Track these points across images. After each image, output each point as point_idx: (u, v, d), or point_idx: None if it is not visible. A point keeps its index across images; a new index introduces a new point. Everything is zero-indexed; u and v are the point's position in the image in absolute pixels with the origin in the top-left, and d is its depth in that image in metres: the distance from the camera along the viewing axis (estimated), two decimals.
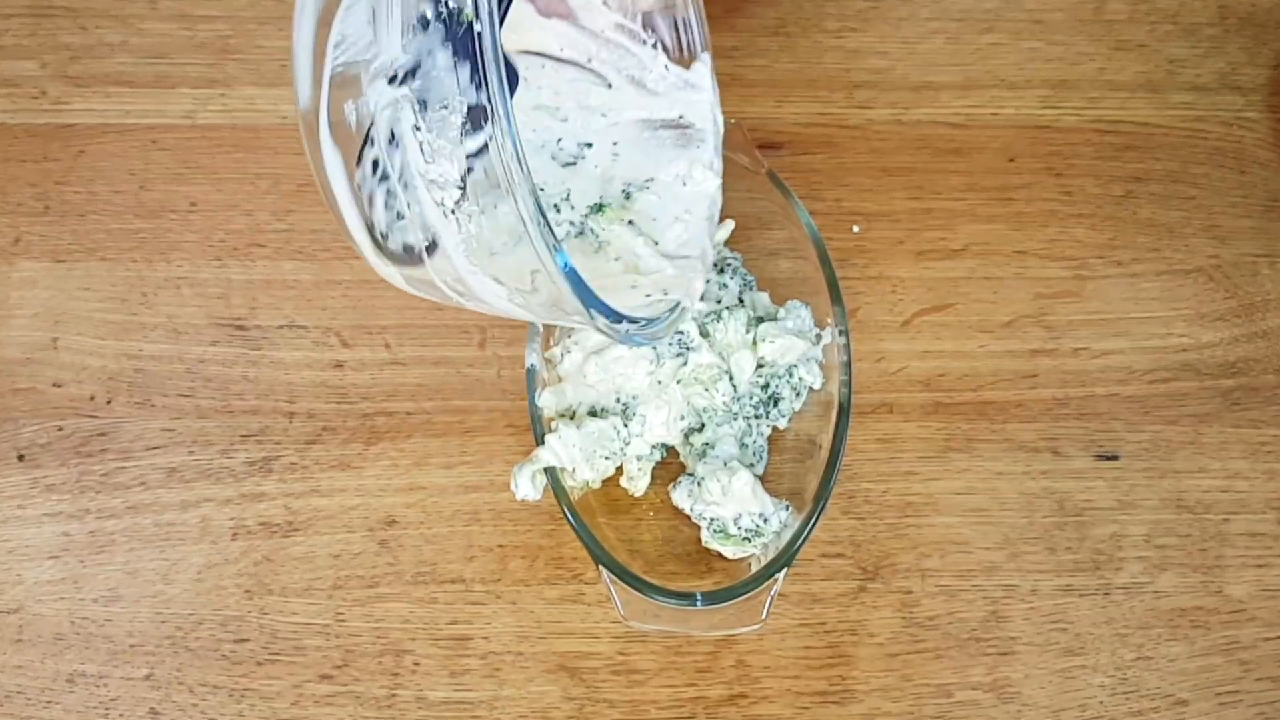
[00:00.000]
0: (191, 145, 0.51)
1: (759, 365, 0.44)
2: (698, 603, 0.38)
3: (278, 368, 0.47)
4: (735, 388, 0.43)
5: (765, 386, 0.44)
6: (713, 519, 0.41)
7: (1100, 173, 0.52)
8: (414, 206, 0.30)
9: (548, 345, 0.44)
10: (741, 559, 0.42)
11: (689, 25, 0.41)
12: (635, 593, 0.38)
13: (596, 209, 0.39)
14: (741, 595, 0.38)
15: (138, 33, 0.53)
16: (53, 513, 0.44)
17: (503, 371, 0.47)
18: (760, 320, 0.44)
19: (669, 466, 0.44)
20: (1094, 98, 0.53)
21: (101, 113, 0.51)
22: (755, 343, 0.43)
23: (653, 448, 0.43)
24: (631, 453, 0.42)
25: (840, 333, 0.43)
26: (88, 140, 0.51)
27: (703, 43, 0.41)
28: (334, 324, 0.47)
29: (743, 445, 0.43)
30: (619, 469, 0.43)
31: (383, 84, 0.29)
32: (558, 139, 0.40)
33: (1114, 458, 0.46)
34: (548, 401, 0.42)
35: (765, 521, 0.41)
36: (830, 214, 0.50)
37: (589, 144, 0.40)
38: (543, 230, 0.28)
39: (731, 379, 0.43)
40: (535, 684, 0.41)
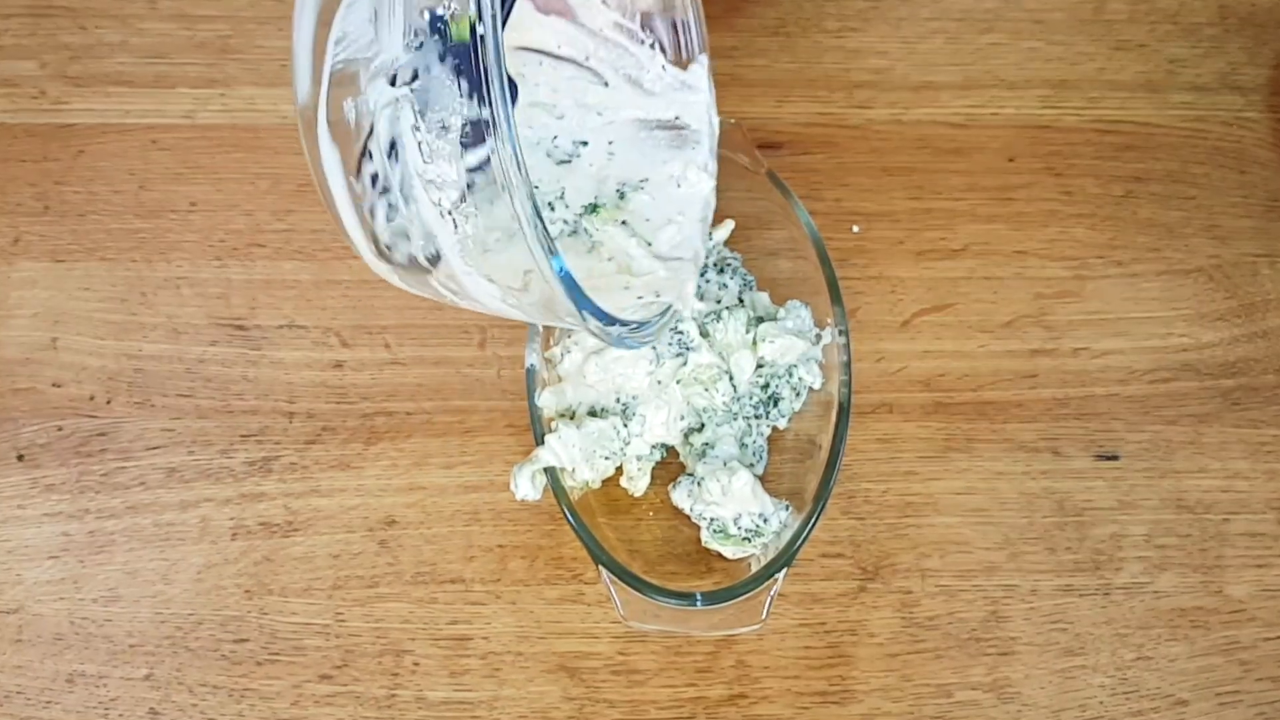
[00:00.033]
0: (191, 145, 0.51)
1: (759, 365, 0.44)
2: (698, 603, 0.38)
3: (277, 368, 0.47)
4: (735, 388, 0.43)
5: (765, 386, 0.44)
6: (713, 519, 0.41)
7: (1100, 173, 0.52)
8: (412, 206, 0.30)
9: (548, 345, 0.44)
10: (741, 559, 0.42)
11: (687, 27, 0.41)
12: (635, 593, 0.38)
13: (591, 209, 0.39)
14: (741, 595, 0.38)
15: (137, 32, 0.53)
16: (52, 513, 0.44)
17: (503, 371, 0.47)
18: (760, 320, 0.44)
19: (669, 466, 0.44)
20: (1094, 98, 0.53)
21: (101, 112, 0.51)
22: (755, 343, 0.43)
23: (653, 448, 0.43)
24: (631, 453, 0.42)
25: (840, 333, 0.43)
26: (87, 140, 0.51)
27: (700, 44, 0.41)
28: (334, 324, 0.47)
29: (743, 445, 0.43)
30: (619, 469, 0.43)
31: (383, 83, 0.29)
32: (553, 136, 0.40)
33: (1114, 458, 0.46)
34: (548, 401, 0.42)
35: (765, 521, 0.41)
36: (830, 214, 0.50)
37: (584, 142, 0.40)
38: (540, 235, 0.28)
39: (731, 379, 0.43)
40: (535, 684, 0.41)
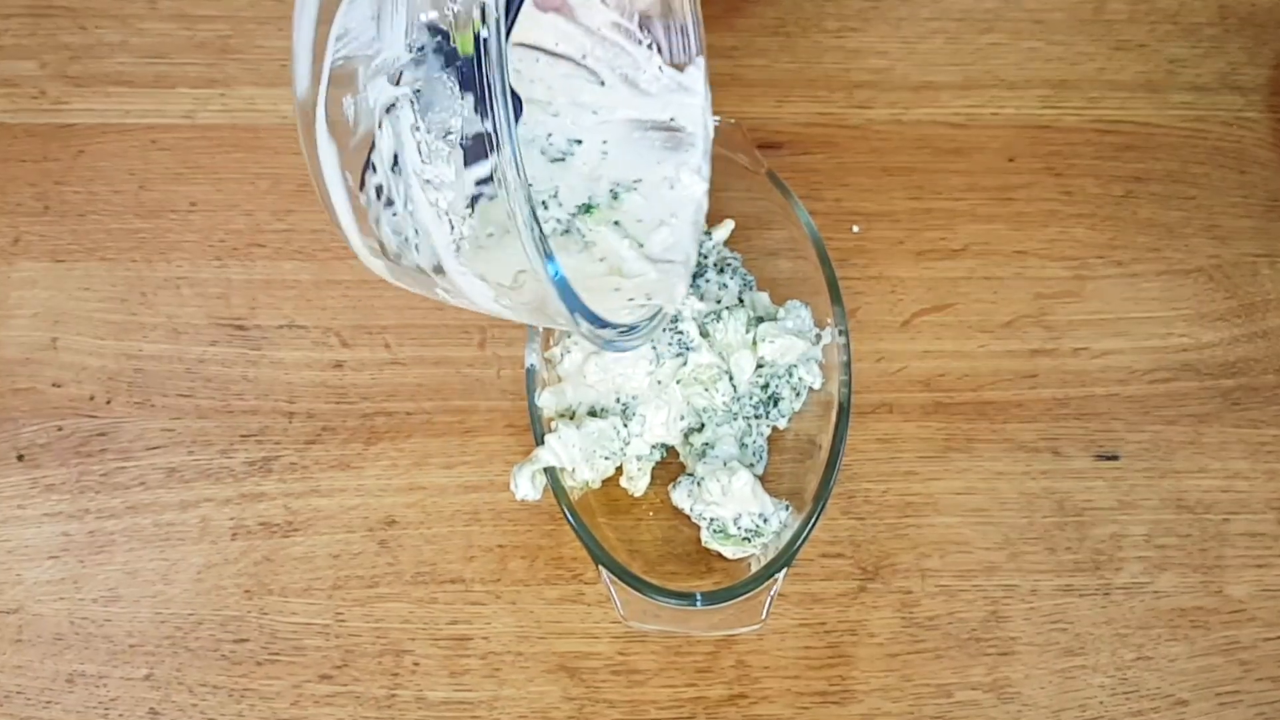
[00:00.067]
0: (191, 145, 0.51)
1: (759, 365, 0.43)
2: (698, 603, 0.38)
3: (277, 368, 0.47)
4: (735, 388, 0.43)
5: (765, 386, 0.44)
6: (713, 519, 0.41)
7: (1100, 173, 0.52)
8: (408, 205, 0.30)
9: (548, 345, 0.44)
10: (741, 559, 0.42)
11: (685, 28, 0.41)
12: (635, 593, 0.38)
13: (585, 210, 0.39)
14: (741, 595, 0.38)
15: (137, 32, 0.53)
16: (52, 513, 0.44)
17: (503, 371, 0.47)
18: (760, 320, 0.44)
19: (669, 466, 0.44)
20: (1094, 98, 0.53)
21: (101, 112, 0.51)
22: (755, 343, 0.43)
23: (652, 448, 0.43)
24: (631, 453, 0.42)
25: (840, 333, 0.43)
26: (87, 140, 0.51)
27: (698, 47, 0.41)
28: (334, 324, 0.47)
29: (742, 445, 0.43)
30: (619, 469, 0.43)
31: (383, 81, 0.29)
32: (548, 134, 0.39)
33: (1114, 458, 0.46)
34: (547, 401, 0.42)
35: (765, 521, 0.40)
36: (830, 214, 0.50)
37: (578, 141, 0.40)
38: (537, 240, 0.28)
39: (731, 379, 0.43)
40: (535, 684, 0.41)
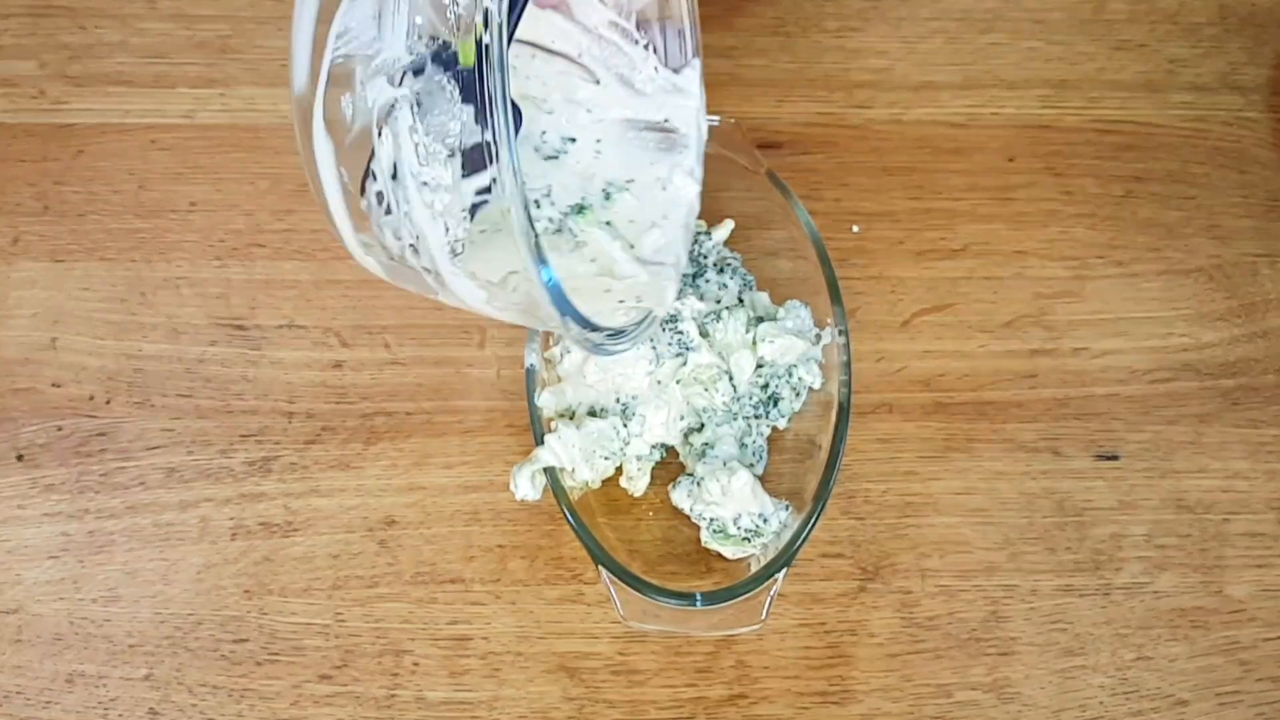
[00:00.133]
0: (191, 145, 0.51)
1: (759, 365, 0.43)
2: (697, 603, 0.38)
3: (277, 368, 0.47)
4: (735, 388, 0.43)
5: (765, 386, 0.44)
6: (712, 519, 0.41)
7: (1100, 173, 0.52)
8: (404, 206, 0.30)
9: (548, 345, 0.44)
10: (741, 559, 0.42)
11: (682, 30, 0.41)
12: (635, 593, 0.38)
13: (578, 210, 0.39)
14: (741, 595, 0.38)
15: (137, 32, 0.53)
16: (52, 513, 0.44)
17: (502, 371, 0.47)
18: (760, 320, 0.44)
19: (669, 466, 0.44)
20: (1094, 97, 0.53)
21: (101, 112, 0.51)
22: (755, 343, 0.43)
23: (652, 448, 0.43)
24: (631, 453, 0.42)
25: (840, 333, 0.43)
26: (87, 140, 0.51)
27: (694, 49, 0.41)
28: (334, 324, 0.47)
29: (742, 445, 0.43)
30: (619, 469, 0.43)
31: (382, 82, 0.29)
32: (541, 131, 0.39)
33: (1114, 458, 0.46)
34: (547, 401, 0.42)
35: (765, 521, 0.40)
36: (830, 214, 0.50)
37: (572, 139, 0.40)
38: (532, 249, 0.28)
39: (731, 379, 0.43)
40: (535, 684, 0.41)
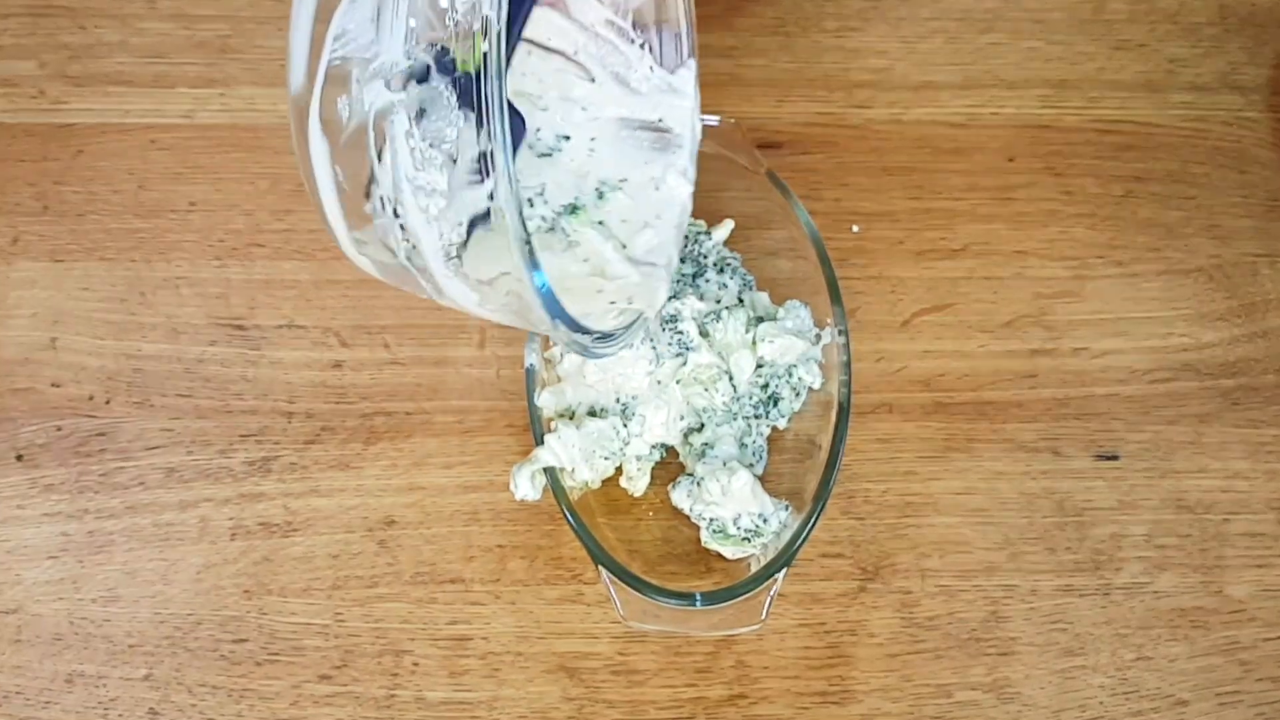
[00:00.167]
0: (190, 145, 0.51)
1: (758, 365, 0.43)
2: (697, 603, 0.38)
3: (277, 368, 0.47)
4: (735, 388, 0.43)
5: (765, 386, 0.44)
6: (712, 519, 0.41)
7: (1100, 173, 0.51)
8: (399, 209, 0.30)
9: (547, 345, 0.44)
10: (741, 559, 0.42)
11: (678, 30, 0.41)
12: (635, 593, 0.38)
13: (571, 210, 0.39)
14: (741, 595, 0.38)
15: (136, 32, 0.53)
16: (51, 513, 0.44)
17: (502, 371, 0.47)
18: (760, 320, 0.44)
19: (669, 466, 0.44)
20: (1094, 97, 0.53)
21: (100, 112, 0.51)
22: (755, 343, 0.43)
23: (652, 448, 0.43)
24: (631, 453, 0.42)
25: (840, 333, 0.43)
26: (86, 140, 0.51)
27: (690, 49, 0.41)
28: (333, 324, 0.47)
29: (742, 445, 0.43)
30: (618, 469, 0.43)
31: (379, 85, 0.29)
32: (536, 128, 0.39)
33: (1114, 458, 0.46)
34: (547, 401, 0.42)
35: (765, 521, 0.40)
36: (830, 214, 0.50)
37: (566, 137, 0.40)
38: (526, 257, 0.28)
39: (731, 379, 0.43)
40: (535, 684, 0.41)
